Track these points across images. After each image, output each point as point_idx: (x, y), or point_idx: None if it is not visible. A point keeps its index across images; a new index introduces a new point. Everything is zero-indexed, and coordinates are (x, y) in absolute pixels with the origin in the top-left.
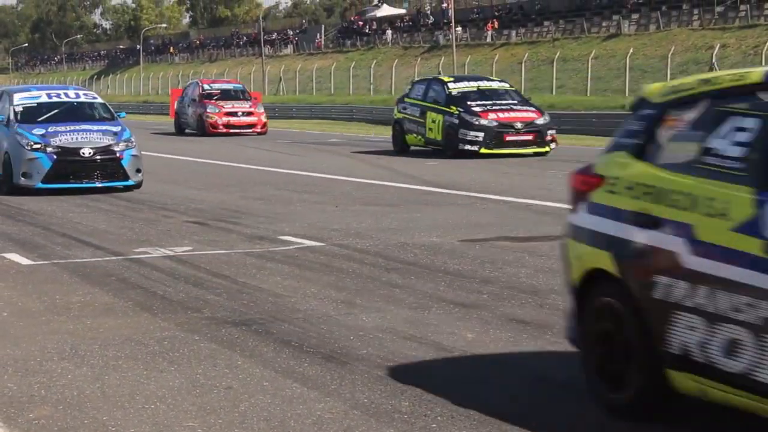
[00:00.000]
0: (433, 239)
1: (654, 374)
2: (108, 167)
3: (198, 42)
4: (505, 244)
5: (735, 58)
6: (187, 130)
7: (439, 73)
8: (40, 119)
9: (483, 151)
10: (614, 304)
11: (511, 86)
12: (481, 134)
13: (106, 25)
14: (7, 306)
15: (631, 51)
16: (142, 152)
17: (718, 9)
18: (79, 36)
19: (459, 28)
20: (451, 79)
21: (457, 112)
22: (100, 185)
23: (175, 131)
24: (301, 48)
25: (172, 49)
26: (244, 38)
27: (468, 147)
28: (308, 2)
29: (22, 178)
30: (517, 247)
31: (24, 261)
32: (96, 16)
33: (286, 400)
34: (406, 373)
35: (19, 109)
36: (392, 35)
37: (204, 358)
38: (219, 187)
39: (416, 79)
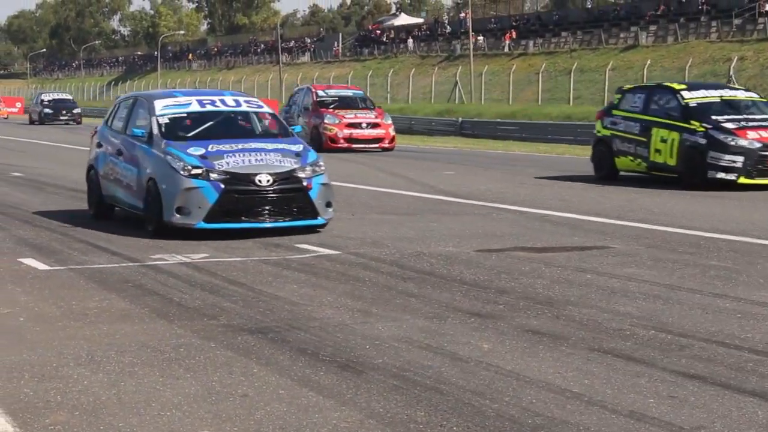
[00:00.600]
0: (450, 249)
1: None
2: (292, 201)
3: (216, 49)
4: (521, 254)
5: (753, 71)
6: None
7: (457, 83)
8: (192, 134)
9: (743, 181)
10: None
11: (760, 97)
12: (740, 159)
13: (125, 31)
14: (23, 311)
15: (648, 62)
16: None
17: (736, 21)
18: (97, 42)
19: (481, 37)
20: (684, 86)
21: (702, 130)
22: (281, 225)
23: None
24: (319, 56)
25: (190, 56)
26: (262, 46)
27: (721, 175)
28: (326, 11)
29: (177, 215)
30: (533, 258)
31: (41, 266)
32: (114, 23)
33: (302, 408)
34: (422, 383)
35: (164, 120)
36: (413, 44)
37: (220, 366)
38: None
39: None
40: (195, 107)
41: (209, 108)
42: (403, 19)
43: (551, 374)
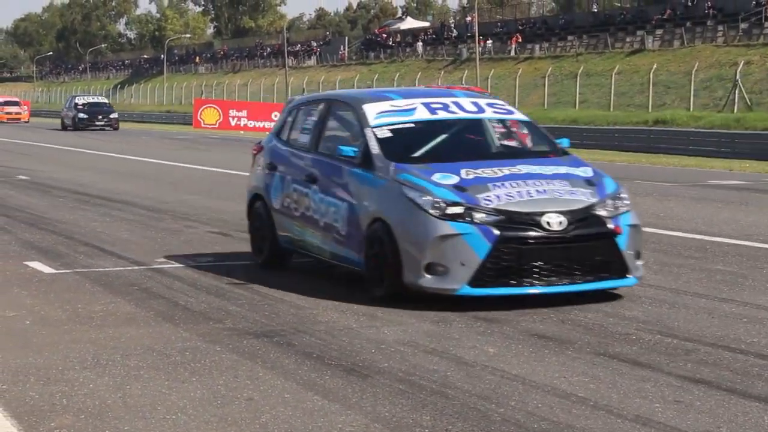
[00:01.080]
0: None
1: None
2: (594, 252)
3: (222, 52)
4: None
5: (759, 75)
6: None
7: (463, 85)
8: (429, 153)
9: None
10: None
11: None
12: None
13: (131, 34)
14: (29, 314)
15: (654, 67)
16: (164, 162)
17: (743, 26)
18: (103, 45)
19: (490, 41)
20: None
21: None
22: (579, 289)
23: None
24: (325, 60)
25: (197, 59)
26: (268, 49)
27: None
28: (332, 14)
29: (427, 275)
30: None
31: (47, 269)
32: (120, 26)
33: (307, 412)
34: (428, 387)
35: (384, 133)
36: (423, 47)
37: (225, 369)
38: (241, 198)
39: None
40: (423, 114)
41: (443, 115)
42: (410, 23)
43: (557, 378)
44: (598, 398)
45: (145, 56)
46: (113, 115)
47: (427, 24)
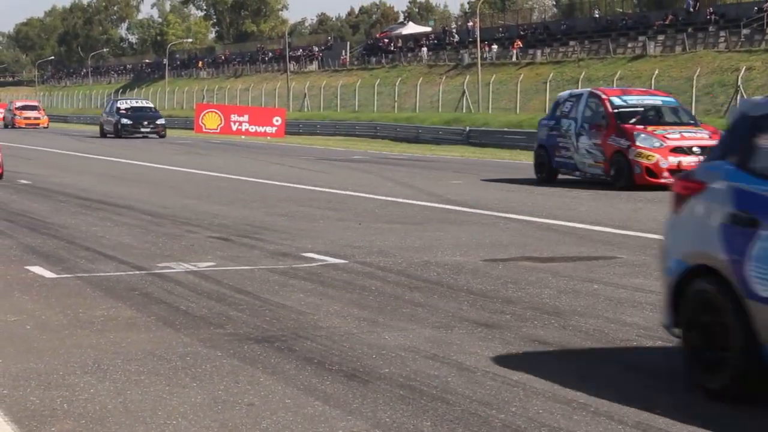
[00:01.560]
0: (456, 258)
1: None
2: None
3: (223, 57)
4: (527, 264)
5: (761, 81)
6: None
7: (464, 92)
8: None
9: None
10: None
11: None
12: None
13: (133, 39)
14: (30, 319)
15: (656, 72)
16: (165, 166)
17: (745, 31)
18: (105, 50)
19: (495, 46)
20: None
21: None
22: None
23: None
24: (326, 64)
25: (200, 63)
26: (270, 54)
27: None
28: (334, 19)
29: None
30: (540, 268)
31: (48, 274)
32: (122, 30)
33: (308, 418)
34: (429, 393)
35: None
36: (427, 53)
37: (226, 375)
38: (242, 202)
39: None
40: None
41: None
42: (411, 28)
43: (557, 384)
44: (599, 404)
45: (147, 61)
46: (160, 121)
47: (428, 29)
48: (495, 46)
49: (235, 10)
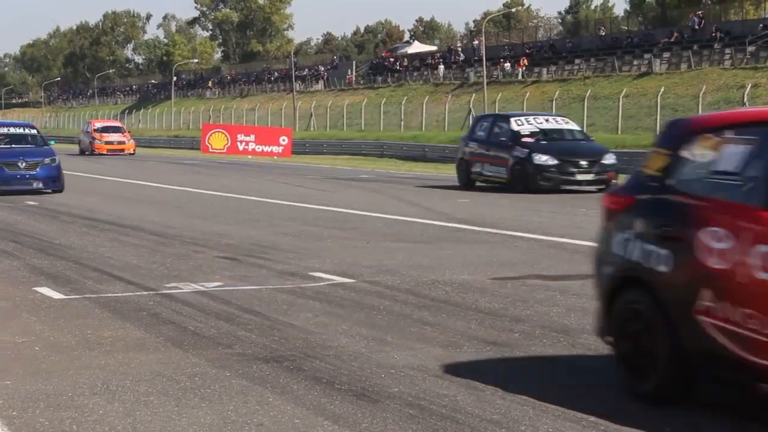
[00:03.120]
0: (465, 277)
1: None
2: None
3: (229, 77)
4: (536, 282)
5: (766, 97)
6: None
7: (470, 111)
8: None
9: None
10: None
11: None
12: None
13: (139, 59)
14: (38, 340)
15: (662, 89)
16: (172, 186)
17: (750, 48)
18: (111, 70)
19: (508, 64)
20: None
21: None
22: None
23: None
24: (332, 84)
25: (210, 83)
26: (276, 74)
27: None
28: (339, 39)
29: None
30: (548, 286)
31: (56, 295)
32: (128, 51)
33: None
34: (438, 412)
35: None
36: (431, 71)
37: (235, 395)
38: (249, 222)
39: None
40: None
41: None
42: (417, 47)
43: (567, 403)
44: (608, 424)
45: (153, 81)
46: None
47: (434, 48)
48: (508, 64)
49: (241, 30)
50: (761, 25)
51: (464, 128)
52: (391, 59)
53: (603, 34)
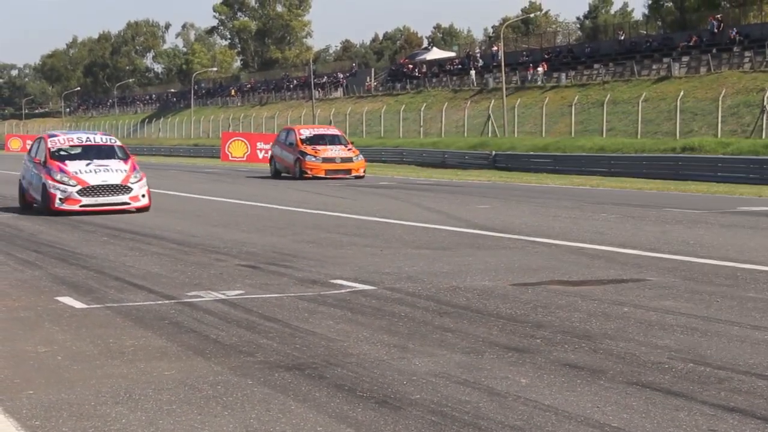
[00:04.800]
0: (485, 283)
1: None
2: None
3: (249, 85)
4: (557, 288)
5: None
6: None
7: (490, 117)
8: None
9: None
10: None
11: None
12: None
13: (158, 69)
14: (61, 350)
15: (681, 93)
16: (193, 195)
17: None
18: (131, 80)
19: (540, 69)
20: None
21: None
22: None
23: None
24: (351, 91)
25: (233, 92)
26: (294, 81)
27: None
28: (358, 46)
29: None
30: (569, 291)
31: (78, 305)
32: (148, 60)
33: None
34: (460, 419)
35: None
36: (474, 75)
37: (257, 403)
38: (270, 230)
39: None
40: None
41: None
42: (435, 53)
43: (590, 409)
44: (631, 428)
45: (172, 90)
46: None
47: (453, 54)
48: (540, 69)
49: (260, 38)
50: None
51: (483, 134)
52: (410, 66)
53: (622, 38)
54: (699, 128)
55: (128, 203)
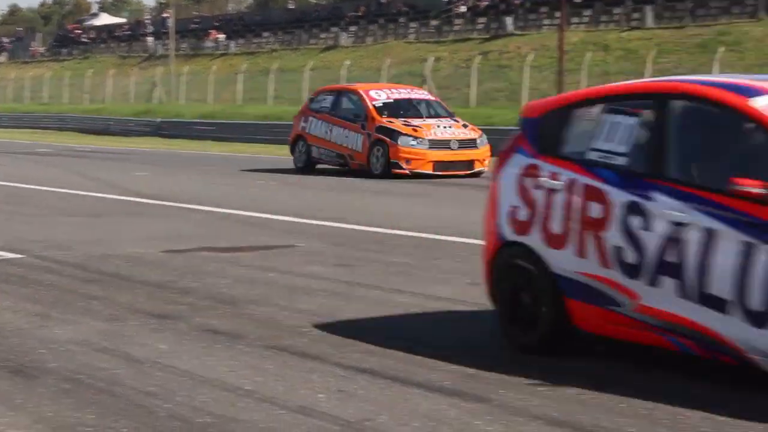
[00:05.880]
0: (137, 250)
1: None
2: None
3: None
4: (207, 254)
5: (447, 71)
6: None
7: (156, 84)
8: None
9: None
10: None
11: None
12: None
13: None
14: None
15: (348, 62)
16: None
17: (434, 23)
18: None
19: (222, 36)
20: None
21: None
22: None
23: None
24: (16, 56)
25: None
26: None
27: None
28: (25, 10)
29: None
30: (219, 258)
31: None
32: None
33: None
34: (95, 386)
35: None
36: (154, 41)
37: None
38: None
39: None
40: None
41: None
42: (105, 19)
43: (225, 373)
44: (264, 390)
45: None
46: None
47: (123, 20)
48: (222, 36)
49: None
50: (446, 0)
51: (151, 101)
52: (78, 31)
53: (292, 8)
54: None
55: None
